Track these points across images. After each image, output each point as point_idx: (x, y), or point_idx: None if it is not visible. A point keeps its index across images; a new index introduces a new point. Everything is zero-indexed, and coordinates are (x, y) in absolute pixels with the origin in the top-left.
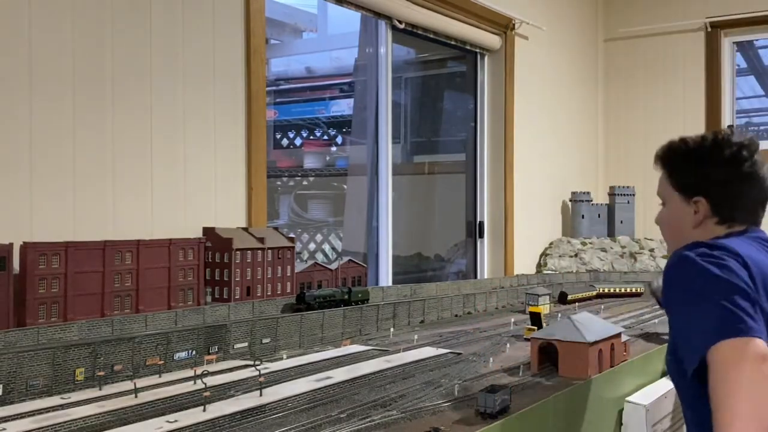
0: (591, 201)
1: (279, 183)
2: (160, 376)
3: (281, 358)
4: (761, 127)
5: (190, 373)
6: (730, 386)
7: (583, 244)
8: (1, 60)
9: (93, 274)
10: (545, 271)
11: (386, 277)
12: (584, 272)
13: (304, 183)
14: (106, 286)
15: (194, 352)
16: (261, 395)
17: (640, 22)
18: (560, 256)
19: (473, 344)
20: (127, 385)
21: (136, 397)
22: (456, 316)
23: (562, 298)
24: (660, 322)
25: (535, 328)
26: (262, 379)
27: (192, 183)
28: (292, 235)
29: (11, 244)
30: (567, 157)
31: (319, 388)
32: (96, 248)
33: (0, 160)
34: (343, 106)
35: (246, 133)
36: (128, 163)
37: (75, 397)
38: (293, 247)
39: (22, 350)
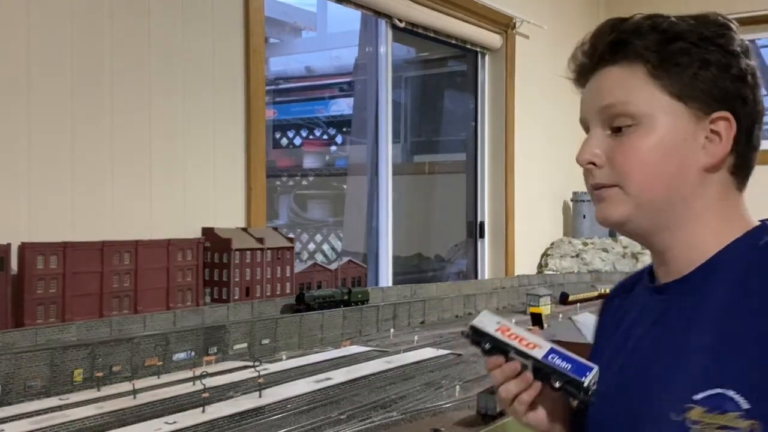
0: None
1: (278, 183)
2: (158, 377)
3: (281, 359)
4: (763, 127)
5: (189, 374)
6: None
7: (585, 244)
8: None
9: (91, 275)
10: (546, 272)
11: (386, 277)
12: (586, 273)
13: (304, 183)
14: (105, 286)
15: (193, 353)
16: (260, 396)
17: None
18: (561, 256)
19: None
20: (126, 386)
21: (134, 398)
22: (456, 316)
23: (563, 299)
24: None
25: (536, 328)
26: (261, 380)
27: (191, 183)
28: (291, 236)
29: (9, 245)
30: (568, 157)
31: (318, 390)
32: (94, 248)
33: None
34: (343, 106)
35: (245, 132)
36: (127, 163)
37: (73, 398)
38: (293, 248)
39: (20, 351)
